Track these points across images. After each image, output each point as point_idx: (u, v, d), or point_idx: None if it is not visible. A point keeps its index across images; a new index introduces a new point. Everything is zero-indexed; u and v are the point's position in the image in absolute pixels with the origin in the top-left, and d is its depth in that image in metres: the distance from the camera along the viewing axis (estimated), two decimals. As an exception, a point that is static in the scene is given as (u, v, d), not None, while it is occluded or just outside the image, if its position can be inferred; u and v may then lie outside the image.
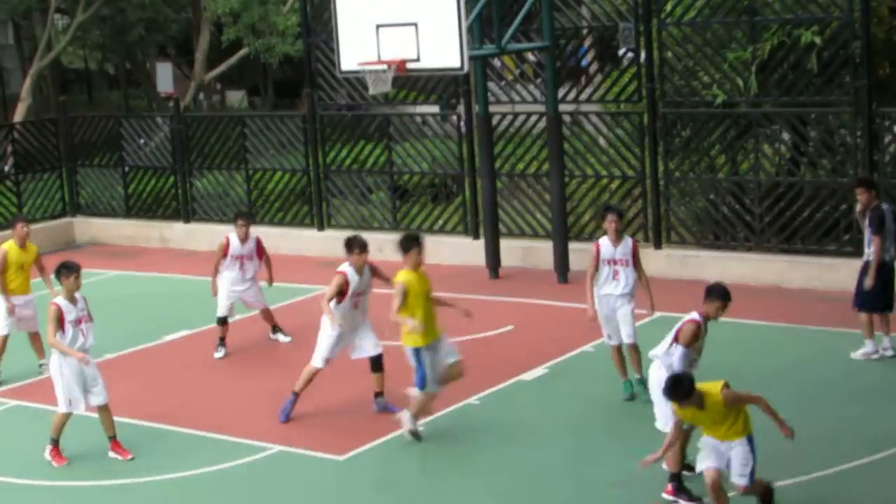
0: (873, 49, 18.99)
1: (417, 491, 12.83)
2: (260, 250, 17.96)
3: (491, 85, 22.26)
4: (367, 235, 23.54)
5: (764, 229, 20.05)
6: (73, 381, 13.76)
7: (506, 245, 21.94)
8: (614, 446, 13.32)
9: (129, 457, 14.03)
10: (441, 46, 18.60)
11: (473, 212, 22.84)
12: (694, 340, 11.82)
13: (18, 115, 32.65)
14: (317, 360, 14.67)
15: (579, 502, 12.29)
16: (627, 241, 14.37)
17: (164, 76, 40.46)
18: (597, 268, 14.19)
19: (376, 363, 14.79)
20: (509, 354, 16.91)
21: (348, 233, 23.90)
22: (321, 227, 24.67)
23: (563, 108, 21.21)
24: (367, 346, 14.75)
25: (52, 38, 34.10)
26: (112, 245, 26.99)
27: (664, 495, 11.75)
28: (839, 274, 18.65)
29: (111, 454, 14.08)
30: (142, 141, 27.79)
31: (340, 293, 14.45)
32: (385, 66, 18.95)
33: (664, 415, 12.14)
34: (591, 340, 16.60)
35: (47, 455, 13.96)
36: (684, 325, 12.10)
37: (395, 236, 23.30)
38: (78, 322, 13.95)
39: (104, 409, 13.99)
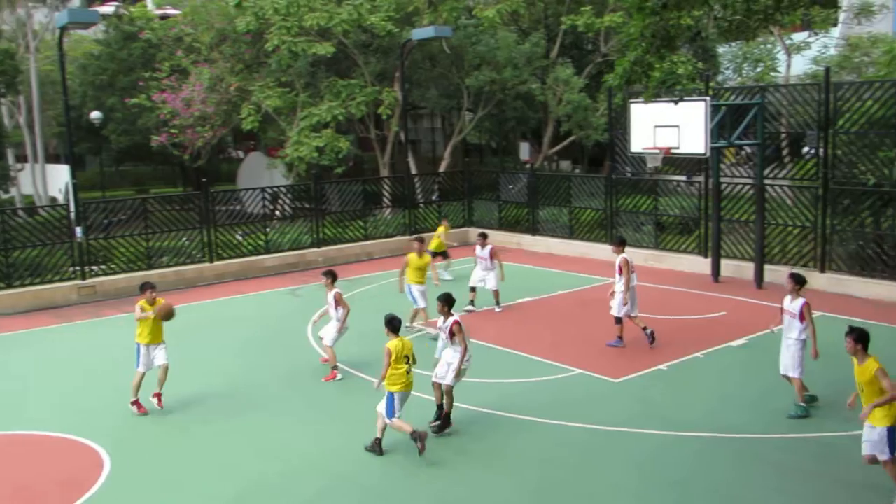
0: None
1: (663, 406, 12.74)
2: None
3: (721, 165, 21.68)
4: (635, 251, 23.66)
5: (894, 266, 18.86)
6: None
7: (724, 263, 21.44)
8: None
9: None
10: (693, 140, 18.51)
11: (705, 240, 22.37)
12: None
13: (442, 167, 33.88)
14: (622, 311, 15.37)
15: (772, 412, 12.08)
16: (799, 301, 11.98)
17: (524, 150, 41.04)
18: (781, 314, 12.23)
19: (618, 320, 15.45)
20: (723, 329, 16.61)
21: (626, 248, 23.91)
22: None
23: (765, 181, 20.50)
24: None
25: (462, 125, 35.30)
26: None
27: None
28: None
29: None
30: (510, 186, 28.46)
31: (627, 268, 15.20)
32: (658, 150, 18.91)
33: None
34: (774, 325, 16.18)
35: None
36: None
37: (652, 252, 23.28)
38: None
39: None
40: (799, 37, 32.98)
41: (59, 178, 38.92)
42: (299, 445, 11.57)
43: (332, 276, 14.37)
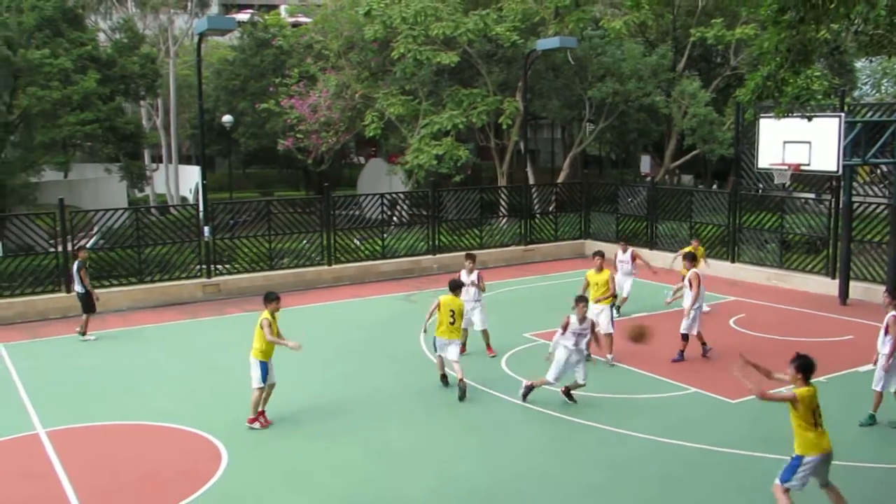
0: None
1: (779, 430, 12.29)
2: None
3: (854, 183, 20.91)
4: (758, 269, 22.91)
5: None
6: None
7: (853, 285, 20.57)
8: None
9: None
10: (825, 157, 17.90)
11: (833, 261, 21.48)
12: None
13: (560, 178, 33.65)
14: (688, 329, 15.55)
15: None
16: (890, 314, 12.06)
17: (645, 163, 40.43)
18: None
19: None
20: (849, 354, 15.88)
21: (748, 267, 23.37)
22: (733, 261, 23.98)
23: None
24: None
25: (583, 136, 35.02)
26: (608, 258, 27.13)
27: None
28: None
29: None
30: (629, 199, 28.01)
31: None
32: (786, 167, 18.33)
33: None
34: None
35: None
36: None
37: (776, 271, 22.48)
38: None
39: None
40: (944, 51, 31.33)
41: (189, 179, 40.66)
42: (409, 447, 11.72)
43: (474, 259, 16.44)
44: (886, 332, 12.10)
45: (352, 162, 55.93)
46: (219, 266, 22.53)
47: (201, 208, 22.69)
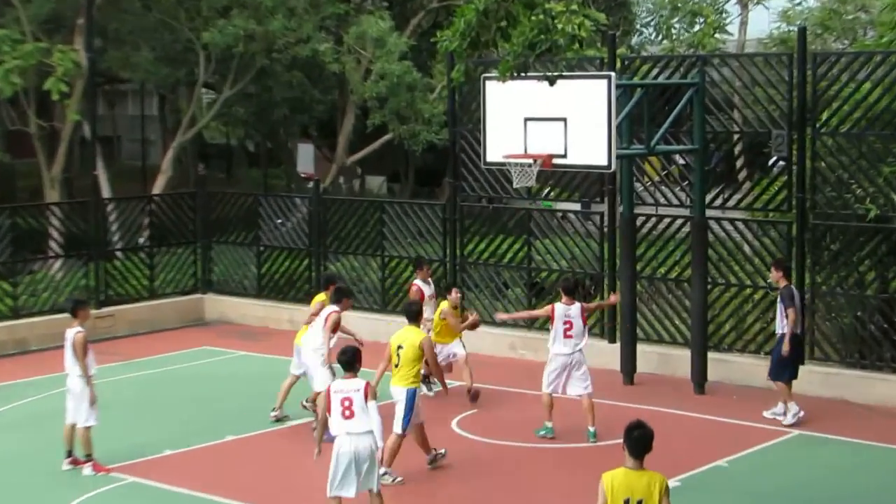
0: None
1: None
2: None
3: (636, 185, 22.29)
4: (498, 331, 23.82)
5: (915, 351, 19.87)
6: None
7: (642, 350, 21.93)
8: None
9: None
10: (589, 143, 18.43)
11: (611, 314, 22.78)
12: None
13: (157, 187, 33.21)
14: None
15: None
16: None
17: (305, 157, 41.16)
18: None
19: None
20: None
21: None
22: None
23: (709, 213, 21.20)
24: None
25: (197, 112, 35.01)
26: (240, 324, 27.37)
27: None
28: None
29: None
30: (279, 220, 28.22)
31: None
32: (531, 161, 18.98)
33: None
34: (725, 456, 16.91)
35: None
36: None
37: (529, 334, 23.49)
38: None
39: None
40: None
41: None
42: None
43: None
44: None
45: None
46: None
47: None
